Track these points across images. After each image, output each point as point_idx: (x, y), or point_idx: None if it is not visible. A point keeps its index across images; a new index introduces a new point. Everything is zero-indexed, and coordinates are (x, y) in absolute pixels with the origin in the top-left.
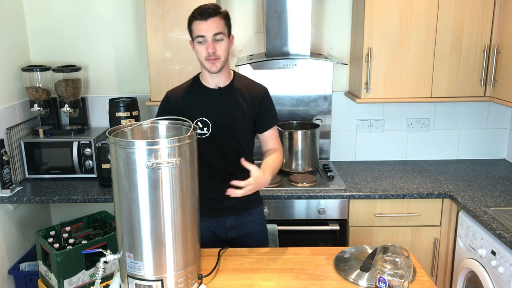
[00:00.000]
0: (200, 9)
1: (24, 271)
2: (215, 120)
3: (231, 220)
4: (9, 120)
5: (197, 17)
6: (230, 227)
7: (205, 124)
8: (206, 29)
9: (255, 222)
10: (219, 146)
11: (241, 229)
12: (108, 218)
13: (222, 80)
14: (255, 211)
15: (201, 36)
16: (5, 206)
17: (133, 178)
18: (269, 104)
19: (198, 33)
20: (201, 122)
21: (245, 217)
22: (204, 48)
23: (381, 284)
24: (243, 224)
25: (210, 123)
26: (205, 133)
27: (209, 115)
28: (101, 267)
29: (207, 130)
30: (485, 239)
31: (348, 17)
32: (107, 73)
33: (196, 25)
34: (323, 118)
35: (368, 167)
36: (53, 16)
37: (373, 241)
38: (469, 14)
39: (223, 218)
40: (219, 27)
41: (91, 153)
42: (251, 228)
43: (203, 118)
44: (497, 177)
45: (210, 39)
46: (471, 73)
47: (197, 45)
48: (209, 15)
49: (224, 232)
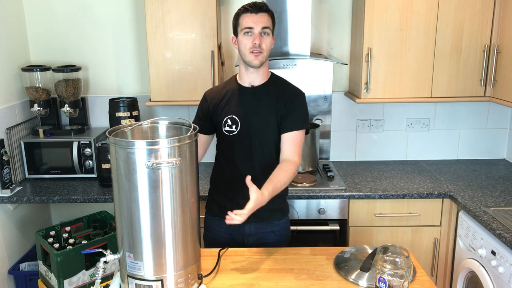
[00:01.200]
0: (251, 3)
1: (24, 271)
2: (244, 119)
3: (250, 227)
4: (9, 120)
5: (248, 10)
6: (248, 234)
7: (234, 121)
8: (255, 21)
9: (275, 233)
10: (246, 145)
11: (259, 238)
12: (108, 218)
13: (258, 79)
14: (277, 223)
15: (249, 28)
16: (5, 206)
17: (133, 178)
18: (300, 107)
19: (246, 25)
20: (230, 119)
21: (266, 226)
22: (250, 39)
23: (381, 284)
24: (263, 233)
25: (239, 121)
26: (233, 131)
27: (238, 113)
28: (101, 267)
29: (235, 128)
30: (485, 239)
31: (348, 17)
32: (107, 73)
33: (245, 17)
34: (323, 118)
35: (368, 167)
36: (53, 16)
37: (373, 241)
38: (469, 14)
39: (242, 224)
40: (267, 22)
41: (91, 153)
42: (270, 239)
43: (233, 116)
44: (497, 177)
45: (258, 31)
46: (471, 73)
47: (243, 37)
48: (259, 9)
49: (242, 237)
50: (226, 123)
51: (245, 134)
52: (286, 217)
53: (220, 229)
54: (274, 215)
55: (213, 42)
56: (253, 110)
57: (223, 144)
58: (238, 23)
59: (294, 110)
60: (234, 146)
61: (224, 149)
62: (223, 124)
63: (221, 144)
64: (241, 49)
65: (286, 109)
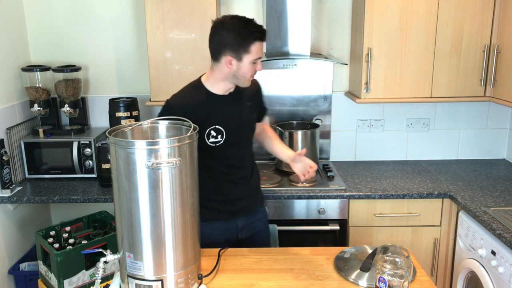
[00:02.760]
0: (260, 29)
1: (24, 271)
2: (229, 126)
3: (242, 220)
4: (9, 120)
5: (261, 38)
6: (241, 228)
7: (219, 132)
8: (262, 49)
9: (261, 221)
10: (233, 150)
11: (250, 229)
12: (108, 218)
13: (233, 87)
14: (261, 210)
15: (259, 58)
16: (5, 206)
17: (133, 178)
18: (262, 94)
19: (258, 55)
20: (214, 130)
21: (253, 216)
22: (254, 67)
23: (381, 284)
24: (252, 223)
25: (224, 130)
26: (219, 141)
27: (222, 123)
28: (101, 267)
29: (221, 137)
30: (485, 239)
31: (348, 17)
32: (107, 73)
33: (257, 47)
34: (323, 118)
35: (368, 167)
36: (53, 16)
37: (373, 241)
38: (469, 14)
39: (235, 220)
40: None
41: (91, 153)
42: (258, 227)
43: (216, 126)
44: (497, 177)
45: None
46: (471, 73)
47: (249, 65)
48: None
49: (235, 233)
50: (210, 134)
51: (232, 140)
52: (264, 204)
53: (214, 231)
54: (258, 203)
55: None
56: (236, 115)
57: (206, 154)
58: (247, 51)
59: (262, 100)
60: (220, 155)
61: (208, 158)
62: (206, 136)
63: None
64: (244, 74)
65: (259, 102)
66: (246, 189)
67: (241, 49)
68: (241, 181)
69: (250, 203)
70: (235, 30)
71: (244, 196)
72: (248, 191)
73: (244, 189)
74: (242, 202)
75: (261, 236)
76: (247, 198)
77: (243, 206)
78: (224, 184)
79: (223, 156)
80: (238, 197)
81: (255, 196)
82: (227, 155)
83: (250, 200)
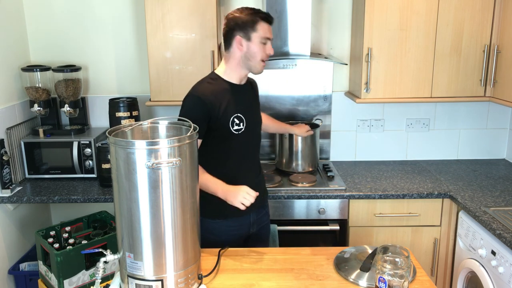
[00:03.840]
0: (266, 13)
1: (24, 271)
2: (247, 115)
3: (254, 215)
4: (9, 120)
5: (265, 19)
6: (253, 222)
7: (240, 119)
8: (271, 33)
9: (266, 215)
10: (250, 141)
11: (260, 222)
12: (108, 218)
13: (245, 78)
14: (266, 204)
15: (268, 38)
16: (5, 206)
17: (133, 178)
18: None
19: (266, 35)
20: (237, 118)
21: (262, 210)
22: (264, 49)
23: (381, 284)
24: (261, 217)
25: (244, 118)
26: (241, 129)
27: (242, 111)
28: (101, 267)
29: (242, 125)
30: (485, 239)
31: (348, 17)
32: (107, 73)
33: (264, 26)
34: (323, 118)
35: (368, 167)
36: (53, 16)
37: (373, 241)
38: (469, 14)
39: (249, 215)
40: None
41: (91, 153)
42: (265, 221)
43: (238, 114)
44: (497, 177)
45: (270, 42)
46: (471, 73)
47: (258, 45)
48: (272, 20)
49: (248, 228)
50: (234, 122)
51: (250, 129)
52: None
53: (230, 228)
54: (266, 197)
55: (213, 42)
56: (250, 105)
57: (228, 144)
58: (255, 29)
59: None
60: (241, 144)
61: (230, 147)
62: (230, 124)
63: (224, 144)
64: (252, 55)
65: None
66: (259, 182)
67: (249, 28)
68: (256, 173)
69: (263, 198)
70: (242, 13)
71: (258, 189)
72: (261, 185)
73: (258, 182)
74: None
75: (267, 230)
76: (260, 192)
77: (257, 201)
78: (240, 176)
79: (243, 145)
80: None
81: (265, 189)
82: (247, 143)
83: (262, 193)
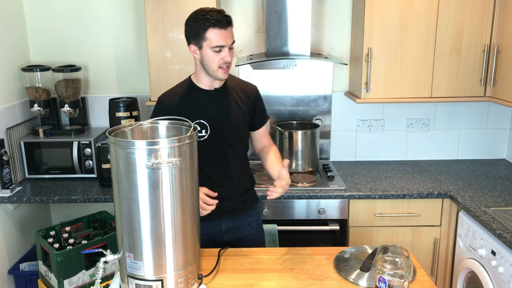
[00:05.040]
0: (215, 16)
1: (24, 271)
2: (213, 122)
3: (227, 223)
4: (9, 120)
5: (215, 25)
6: (226, 230)
7: (203, 126)
8: (225, 38)
9: (251, 225)
10: (217, 148)
11: (237, 232)
12: (108, 218)
13: (218, 82)
14: (250, 214)
15: (221, 46)
16: (5, 206)
17: (133, 178)
18: (261, 101)
19: (217, 43)
20: (198, 124)
21: (241, 220)
22: (219, 56)
23: (381, 284)
24: (239, 227)
25: (208, 125)
26: (203, 136)
27: (206, 117)
28: (101, 267)
29: (205, 132)
30: (485, 239)
31: (348, 17)
32: (107, 73)
33: (214, 33)
34: (323, 118)
35: (368, 167)
36: (53, 16)
37: (373, 241)
38: (469, 14)
39: (219, 221)
40: (232, 36)
41: (91, 153)
42: (247, 231)
43: (201, 121)
44: (497, 177)
45: (228, 47)
46: (471, 73)
47: (212, 53)
48: (227, 23)
49: (220, 235)
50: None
51: (217, 137)
52: (257, 208)
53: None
54: (246, 206)
55: None
56: (221, 111)
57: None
58: (203, 36)
59: (259, 105)
60: (204, 150)
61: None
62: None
63: None
64: (208, 63)
65: (253, 105)
66: (232, 191)
67: (199, 36)
68: (227, 182)
69: (236, 206)
70: (192, 19)
71: (229, 198)
72: (234, 194)
73: (229, 191)
74: (226, 205)
75: (251, 240)
76: (232, 201)
77: (228, 209)
78: (207, 184)
79: (208, 153)
80: (222, 198)
81: (243, 199)
82: (212, 152)
83: (236, 203)
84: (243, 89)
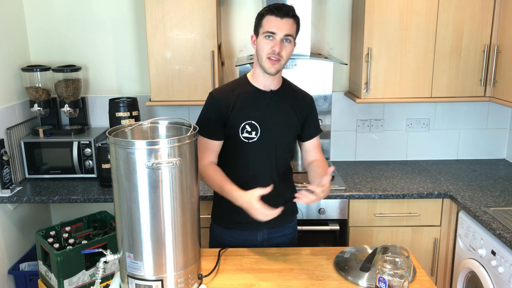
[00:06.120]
0: (278, 5)
1: (24, 271)
2: (265, 124)
3: (263, 234)
4: (9, 120)
5: (273, 12)
6: (261, 241)
7: (254, 127)
8: (279, 27)
9: (286, 236)
10: (266, 152)
11: (272, 243)
12: (108, 218)
13: (274, 83)
14: (289, 226)
15: (271, 32)
16: (5, 206)
17: (133, 178)
18: (315, 112)
19: (269, 29)
20: (249, 125)
21: (278, 231)
22: (270, 44)
23: (381, 284)
24: (275, 238)
25: (259, 127)
26: (252, 138)
27: (258, 119)
28: (101, 267)
29: (255, 134)
30: (485, 239)
31: (348, 17)
32: (107, 73)
33: (269, 20)
34: (323, 118)
35: (368, 167)
36: (53, 16)
37: (373, 241)
38: (469, 14)
39: (255, 232)
40: (291, 29)
41: (91, 153)
42: (281, 243)
43: (252, 121)
44: (497, 177)
45: (279, 38)
46: (471, 73)
47: (263, 40)
48: (286, 14)
49: (254, 245)
50: (244, 129)
51: (266, 141)
52: (295, 218)
53: (232, 239)
54: (285, 219)
55: (213, 42)
56: (274, 115)
57: (238, 152)
58: (260, 23)
59: (313, 116)
60: (253, 154)
61: (239, 157)
62: (240, 130)
63: (233, 152)
64: (259, 52)
65: (306, 115)
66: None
67: (258, 24)
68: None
69: (276, 218)
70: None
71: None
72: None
73: (270, 201)
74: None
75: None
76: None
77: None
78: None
79: (254, 156)
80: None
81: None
82: (259, 156)
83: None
84: (298, 96)
